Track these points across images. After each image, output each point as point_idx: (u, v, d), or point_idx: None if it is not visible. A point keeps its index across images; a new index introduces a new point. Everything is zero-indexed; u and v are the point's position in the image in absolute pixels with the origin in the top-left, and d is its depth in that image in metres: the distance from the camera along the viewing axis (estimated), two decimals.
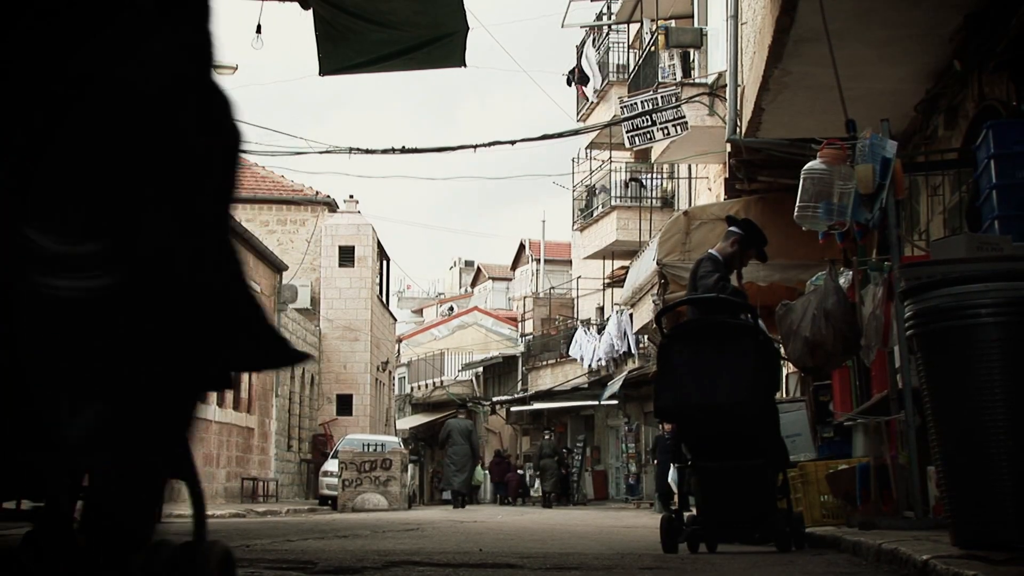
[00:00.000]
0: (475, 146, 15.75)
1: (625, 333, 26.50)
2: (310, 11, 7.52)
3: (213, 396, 19.01)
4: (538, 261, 42.72)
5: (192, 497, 1.85)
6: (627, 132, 15.61)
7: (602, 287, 31.25)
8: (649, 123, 15.25)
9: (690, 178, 23.12)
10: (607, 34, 26.88)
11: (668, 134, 15.23)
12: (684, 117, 15.04)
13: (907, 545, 4.38)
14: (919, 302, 4.30)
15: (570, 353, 32.14)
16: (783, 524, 6.16)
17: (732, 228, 7.21)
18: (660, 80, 17.35)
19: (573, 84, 27.79)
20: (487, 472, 35.87)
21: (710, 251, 7.27)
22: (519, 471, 35.91)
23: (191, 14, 1.70)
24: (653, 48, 19.78)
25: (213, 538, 1.84)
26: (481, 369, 43.45)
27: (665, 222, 15.21)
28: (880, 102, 8.89)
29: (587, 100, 27.55)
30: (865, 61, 8.56)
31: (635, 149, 19.29)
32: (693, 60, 18.99)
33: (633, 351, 26.99)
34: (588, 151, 29.34)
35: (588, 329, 31.47)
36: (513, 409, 38.45)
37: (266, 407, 25.86)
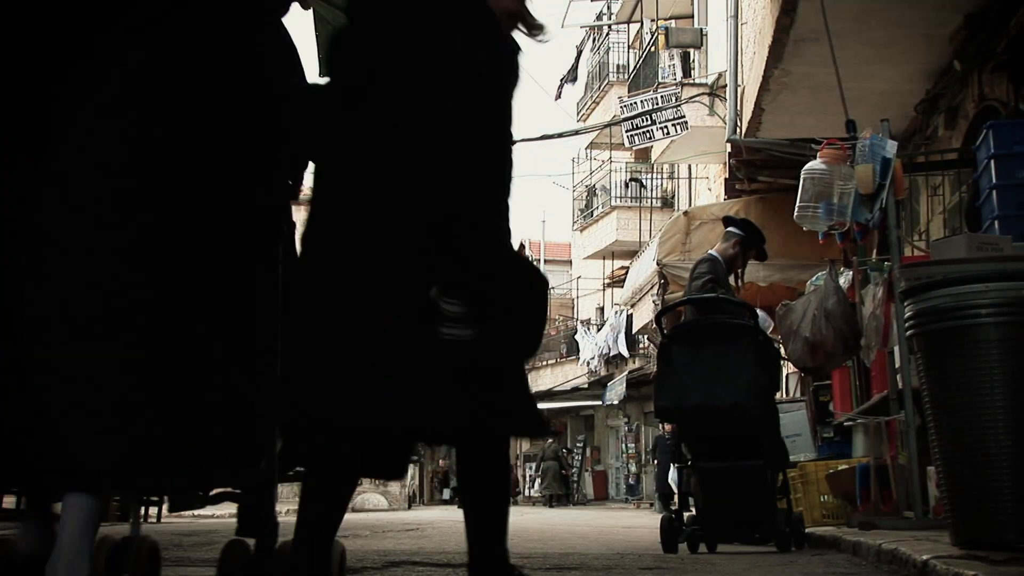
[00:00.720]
0: None
1: (619, 335, 26.48)
2: (310, 11, 7.50)
3: None
4: (538, 261, 42.67)
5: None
6: (627, 132, 15.59)
7: (602, 287, 31.23)
8: (649, 123, 15.23)
9: (690, 178, 23.09)
10: (607, 34, 26.89)
11: (668, 134, 15.20)
12: (684, 117, 15.01)
13: (907, 545, 4.38)
14: (919, 302, 4.29)
15: (576, 339, 32.11)
16: (783, 524, 6.16)
17: (731, 229, 7.16)
18: (660, 80, 17.35)
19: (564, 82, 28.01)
20: None
21: (710, 252, 7.23)
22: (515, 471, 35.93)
23: None
24: (653, 48, 19.79)
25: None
26: None
27: (665, 222, 15.20)
28: (880, 102, 8.88)
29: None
30: (865, 61, 8.55)
31: (635, 149, 19.28)
32: (693, 60, 19.00)
33: (625, 354, 26.95)
34: (588, 151, 29.33)
35: (588, 329, 31.44)
36: None
37: None
